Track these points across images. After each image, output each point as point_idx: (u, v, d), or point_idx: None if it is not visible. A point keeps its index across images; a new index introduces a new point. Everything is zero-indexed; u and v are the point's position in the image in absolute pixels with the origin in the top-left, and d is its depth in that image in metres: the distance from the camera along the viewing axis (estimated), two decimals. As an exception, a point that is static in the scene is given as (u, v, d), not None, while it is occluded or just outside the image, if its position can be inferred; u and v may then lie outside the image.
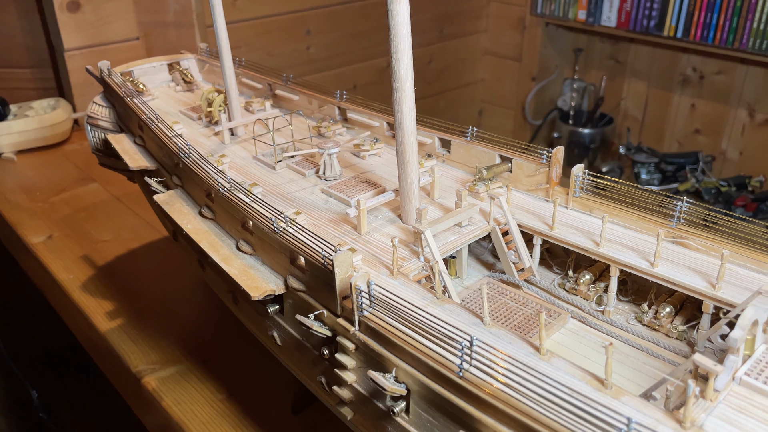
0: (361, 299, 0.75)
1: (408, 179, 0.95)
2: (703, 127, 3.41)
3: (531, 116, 3.87)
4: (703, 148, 3.42)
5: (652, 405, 0.61)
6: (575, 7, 3.36)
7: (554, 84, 3.86)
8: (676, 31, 3.02)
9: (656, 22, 3.07)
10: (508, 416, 0.61)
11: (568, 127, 3.67)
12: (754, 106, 3.19)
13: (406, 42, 0.87)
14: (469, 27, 3.84)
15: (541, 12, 3.53)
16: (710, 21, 2.89)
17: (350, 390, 0.80)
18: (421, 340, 0.70)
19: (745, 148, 3.29)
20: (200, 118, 1.35)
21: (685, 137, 3.49)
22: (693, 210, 0.88)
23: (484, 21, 3.89)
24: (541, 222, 0.98)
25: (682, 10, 2.95)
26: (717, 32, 2.89)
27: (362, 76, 3.33)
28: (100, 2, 2.38)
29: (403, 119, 0.91)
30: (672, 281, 0.82)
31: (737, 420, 0.60)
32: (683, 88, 3.43)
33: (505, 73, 3.94)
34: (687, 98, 3.43)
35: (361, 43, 3.23)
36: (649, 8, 3.06)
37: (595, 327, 0.88)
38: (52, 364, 2.05)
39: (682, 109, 3.46)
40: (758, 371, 0.64)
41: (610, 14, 3.23)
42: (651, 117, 3.61)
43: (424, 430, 0.72)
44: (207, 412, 1.20)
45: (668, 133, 3.55)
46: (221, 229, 1.01)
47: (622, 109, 3.71)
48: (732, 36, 2.86)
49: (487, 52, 3.99)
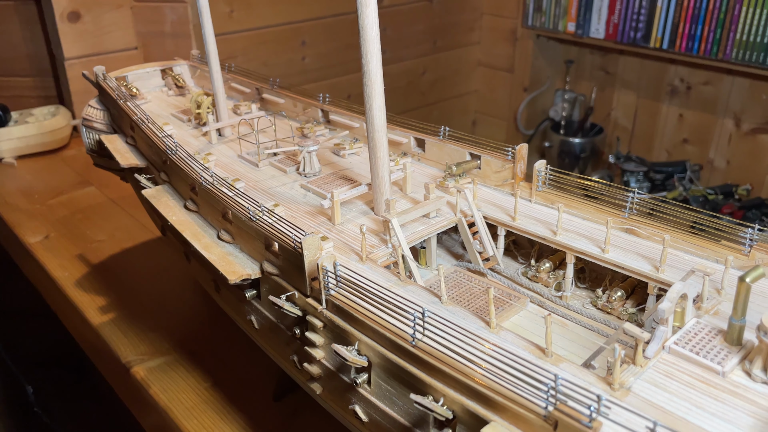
0: (327, 279, 0.81)
1: (379, 173, 1.01)
2: (691, 137, 3.48)
3: (523, 126, 3.94)
4: (691, 157, 3.48)
5: (587, 371, 0.67)
6: (564, 19, 3.43)
7: (546, 95, 3.93)
8: (662, 42, 3.09)
9: (643, 34, 3.14)
10: (455, 380, 0.67)
11: (559, 137, 3.74)
12: (740, 115, 3.26)
13: (375, 44, 0.93)
14: (462, 39, 3.92)
15: (531, 24, 3.61)
16: (695, 32, 2.96)
17: (319, 366, 0.86)
18: (380, 314, 0.76)
19: (732, 157, 3.35)
20: (190, 120, 1.42)
21: (674, 146, 3.55)
22: (644, 201, 0.94)
23: (477, 33, 3.97)
24: (505, 214, 1.04)
25: (667, 21, 3.03)
26: (701, 43, 2.96)
27: (356, 86, 3.39)
28: (99, 13, 2.46)
29: (374, 116, 0.97)
30: (620, 265, 0.88)
31: (663, 383, 0.65)
32: (671, 98, 3.49)
33: (498, 84, 4.01)
34: (675, 108, 3.49)
35: (355, 54, 3.30)
36: (635, 20, 3.14)
37: (553, 310, 0.94)
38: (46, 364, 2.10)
39: (671, 119, 3.53)
40: (686, 341, 0.70)
41: (599, 26, 3.30)
42: (640, 127, 3.67)
43: (383, 399, 0.77)
44: (192, 399, 1.25)
45: (657, 142, 3.61)
46: (204, 221, 1.07)
47: (613, 119, 3.78)
48: (716, 47, 2.93)
49: (480, 63, 4.07)
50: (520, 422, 0.62)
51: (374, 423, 0.79)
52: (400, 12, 3.47)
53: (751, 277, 0.65)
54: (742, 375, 0.66)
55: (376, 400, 0.78)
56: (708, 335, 0.70)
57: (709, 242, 0.87)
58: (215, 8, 2.73)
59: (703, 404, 0.62)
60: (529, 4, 3.58)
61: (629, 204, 0.94)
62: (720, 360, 0.66)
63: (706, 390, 0.64)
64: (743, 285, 0.66)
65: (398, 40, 3.51)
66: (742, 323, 0.67)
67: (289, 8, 3.01)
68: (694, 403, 0.62)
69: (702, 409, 0.62)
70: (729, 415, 0.61)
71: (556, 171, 1.05)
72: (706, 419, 0.60)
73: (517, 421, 0.62)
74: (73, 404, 1.96)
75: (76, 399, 1.97)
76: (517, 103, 3.93)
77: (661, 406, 0.62)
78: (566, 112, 3.82)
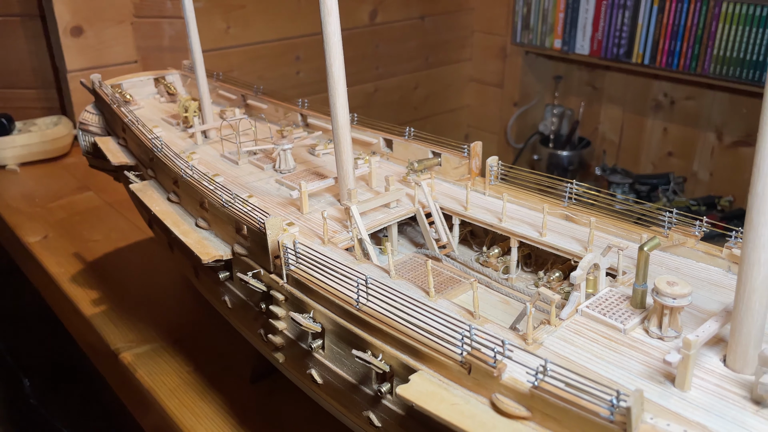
0: (287, 255, 0.91)
1: (343, 165, 1.11)
2: (675, 150, 3.57)
3: (513, 140, 4.05)
4: (675, 169, 3.57)
5: (508, 330, 0.76)
6: (551, 36, 3.55)
7: (535, 109, 4.04)
8: (643, 58, 3.20)
9: (625, 50, 3.26)
10: (391, 337, 0.76)
11: (548, 150, 3.84)
12: (722, 129, 3.35)
13: (337, 48, 1.04)
14: (454, 56, 4.04)
15: (520, 41, 3.73)
16: (674, 48, 3.07)
17: (281, 336, 0.95)
18: (332, 285, 0.85)
19: (714, 170, 3.44)
20: (178, 124, 1.52)
21: (659, 159, 3.64)
22: (581, 191, 1.04)
23: (469, 50, 4.10)
24: (459, 205, 1.13)
25: (648, 37, 3.14)
26: (681, 59, 3.07)
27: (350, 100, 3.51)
28: (101, 28, 2.59)
29: (337, 114, 1.07)
30: (555, 247, 0.97)
31: (572, 339, 0.74)
32: (656, 113, 3.59)
33: (489, 99, 4.12)
34: (659, 122, 3.59)
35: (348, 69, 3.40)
36: (618, 37, 3.25)
37: (497, 290, 1.03)
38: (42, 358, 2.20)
39: (656, 132, 3.63)
40: (597, 305, 0.79)
41: (583, 43, 3.42)
42: (627, 140, 3.77)
43: (335, 362, 0.86)
44: (174, 381, 1.34)
45: (643, 155, 3.71)
46: (185, 211, 1.17)
47: (600, 133, 3.88)
48: (695, 62, 3.03)
49: (472, 79, 4.19)
50: (442, 369, 0.71)
51: (328, 384, 0.88)
52: (393, 29, 3.59)
53: (648, 246, 0.74)
54: (642, 332, 0.74)
55: (329, 363, 0.87)
56: (617, 301, 0.79)
57: (635, 225, 0.96)
58: (213, 24, 2.87)
59: (603, 355, 0.71)
60: (518, 22, 3.71)
61: (567, 194, 1.04)
62: (623, 320, 0.75)
63: (608, 344, 0.73)
64: (642, 253, 0.75)
65: (390, 56, 3.63)
66: (644, 288, 0.76)
67: (284, 24, 3.14)
68: (595, 354, 0.71)
69: (601, 359, 0.71)
70: (623, 364, 0.70)
71: (507, 166, 1.15)
72: (603, 366, 0.69)
73: (439, 368, 0.71)
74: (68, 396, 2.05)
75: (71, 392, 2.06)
76: (507, 118, 4.04)
77: (566, 356, 0.71)
78: (555, 126, 3.93)
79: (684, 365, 0.63)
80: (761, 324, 0.64)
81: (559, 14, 3.48)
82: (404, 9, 3.61)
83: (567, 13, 3.45)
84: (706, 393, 0.64)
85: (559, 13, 3.47)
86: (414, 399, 0.67)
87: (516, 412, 0.63)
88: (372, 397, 0.80)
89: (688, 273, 0.88)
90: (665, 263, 0.90)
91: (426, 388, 0.69)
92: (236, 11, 2.93)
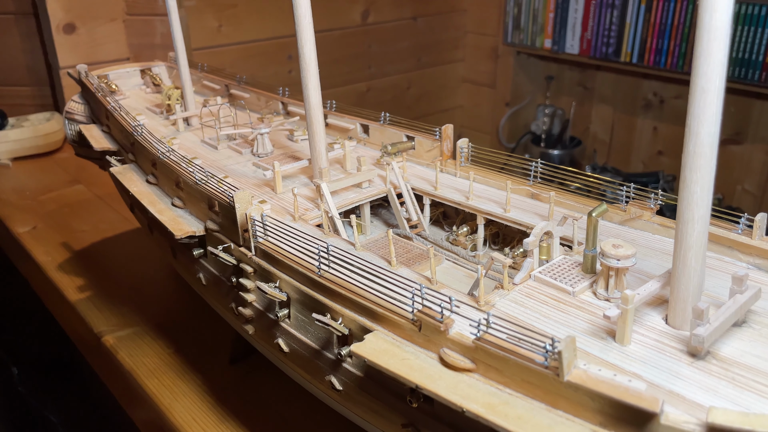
0: (255, 228, 0.93)
1: (316, 146, 1.13)
2: (665, 149, 3.60)
3: (505, 139, 4.08)
4: (666, 168, 3.59)
5: (463, 294, 0.79)
6: (541, 36, 3.59)
7: (527, 109, 4.07)
8: (632, 56, 3.23)
9: (614, 49, 3.29)
10: (349, 300, 0.78)
11: (540, 149, 3.86)
12: (711, 127, 3.38)
13: (308, 31, 1.07)
14: (446, 56, 4.08)
15: (511, 41, 3.77)
16: (662, 47, 3.10)
17: (251, 308, 0.98)
18: (296, 255, 0.88)
19: (703, 168, 3.46)
20: (162, 113, 1.55)
21: (650, 158, 3.67)
22: (546, 170, 1.06)
23: (461, 51, 4.13)
24: (430, 185, 1.16)
25: (636, 36, 3.17)
26: (668, 57, 3.10)
27: (342, 99, 3.52)
28: (94, 26, 2.62)
29: (309, 95, 1.10)
30: (517, 222, 1.00)
31: (523, 301, 0.77)
32: (646, 112, 3.62)
33: (481, 99, 4.16)
34: (649, 121, 3.62)
35: (340, 68, 3.46)
36: (607, 36, 3.28)
37: (464, 266, 1.05)
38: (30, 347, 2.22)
39: (646, 131, 3.66)
40: (549, 270, 0.81)
41: (573, 42, 3.45)
42: (618, 139, 3.80)
43: (299, 329, 0.89)
44: (155, 363, 1.36)
45: (634, 154, 3.74)
46: (162, 192, 1.20)
47: (591, 133, 3.91)
48: (682, 60, 3.06)
49: (464, 79, 4.22)
50: (396, 328, 0.73)
51: (294, 352, 0.91)
52: (385, 29, 3.63)
53: (596, 212, 0.77)
54: (590, 295, 0.77)
55: (294, 331, 0.89)
56: (569, 267, 0.82)
57: (594, 201, 0.99)
58: (205, 23, 2.91)
59: (550, 315, 0.74)
60: (508, 22, 3.74)
61: (533, 172, 1.06)
62: (573, 284, 0.78)
63: (557, 306, 0.75)
64: (591, 219, 0.77)
65: (383, 55, 3.67)
66: (594, 253, 0.79)
67: (275, 24, 3.17)
68: (543, 314, 0.74)
69: (549, 318, 0.73)
70: (569, 323, 0.72)
71: (477, 148, 1.18)
72: (549, 324, 0.72)
73: (393, 327, 0.73)
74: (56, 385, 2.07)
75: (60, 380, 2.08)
76: (499, 118, 4.07)
77: (515, 316, 0.74)
78: (546, 126, 3.96)
79: (623, 320, 0.66)
80: (698, 280, 0.66)
81: (549, 14, 3.51)
82: (396, 9, 3.65)
83: (557, 13, 3.48)
84: (645, 347, 0.67)
85: (549, 13, 3.51)
86: (367, 355, 0.70)
87: (461, 365, 0.65)
88: (333, 361, 0.83)
89: (644, 244, 0.90)
90: (622, 235, 0.93)
91: (379, 346, 0.71)
92: (228, 10, 2.96)
